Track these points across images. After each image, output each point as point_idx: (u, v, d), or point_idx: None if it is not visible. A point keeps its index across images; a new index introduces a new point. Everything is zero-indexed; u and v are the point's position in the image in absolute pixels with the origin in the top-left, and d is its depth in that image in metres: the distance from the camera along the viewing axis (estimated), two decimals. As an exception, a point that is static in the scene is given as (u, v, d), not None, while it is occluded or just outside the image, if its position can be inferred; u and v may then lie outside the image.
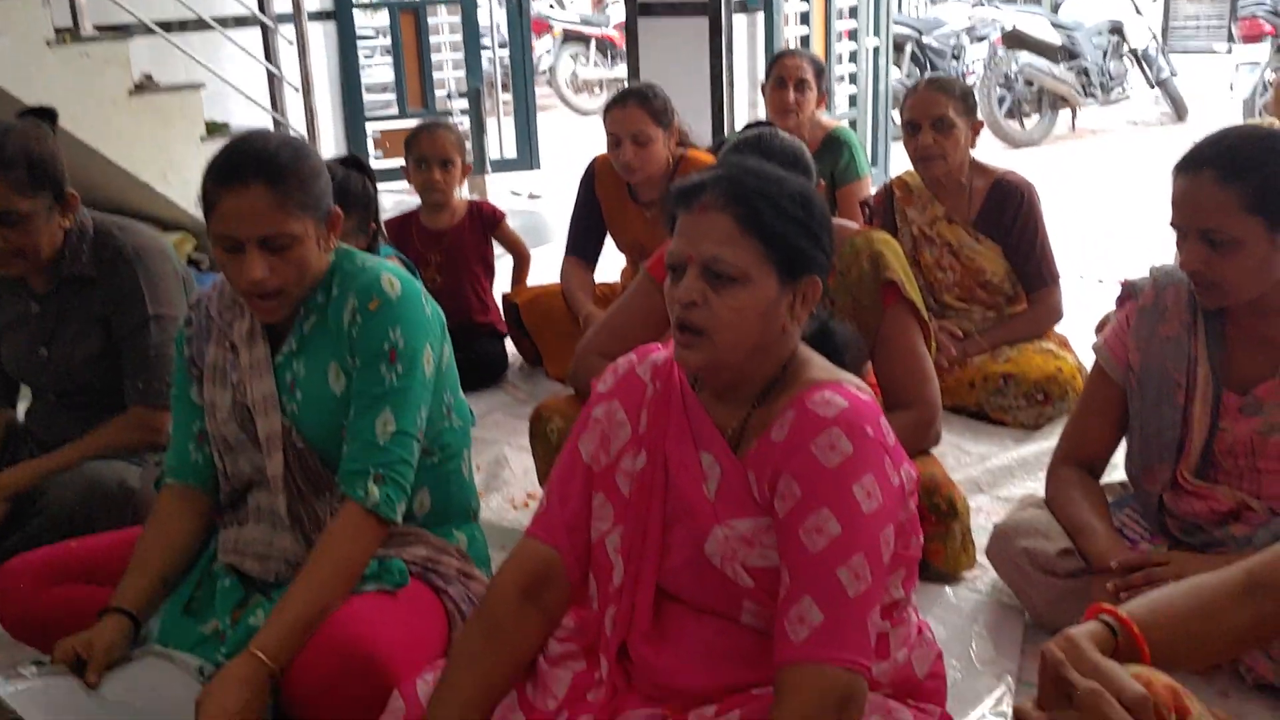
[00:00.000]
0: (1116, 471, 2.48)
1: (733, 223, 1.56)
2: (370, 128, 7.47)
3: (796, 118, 4.34)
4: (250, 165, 1.87)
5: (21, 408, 2.88)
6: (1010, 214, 3.57)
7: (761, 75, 6.23)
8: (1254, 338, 2.13)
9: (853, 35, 6.71)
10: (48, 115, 2.60)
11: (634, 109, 3.68)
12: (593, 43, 12.43)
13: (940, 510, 2.49)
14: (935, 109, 3.51)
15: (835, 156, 4.38)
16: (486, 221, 4.15)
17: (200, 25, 5.70)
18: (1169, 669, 1.29)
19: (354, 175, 3.03)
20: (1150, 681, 1.23)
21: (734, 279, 1.55)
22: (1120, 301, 2.39)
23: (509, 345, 4.26)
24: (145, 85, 5.25)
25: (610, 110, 3.76)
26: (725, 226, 1.56)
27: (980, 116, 3.68)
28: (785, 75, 4.35)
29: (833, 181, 4.36)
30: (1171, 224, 2.08)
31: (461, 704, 1.60)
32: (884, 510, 1.51)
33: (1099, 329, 3.18)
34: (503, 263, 4.37)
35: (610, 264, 4.31)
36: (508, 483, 3.27)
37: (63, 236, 2.54)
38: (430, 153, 4.00)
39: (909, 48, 9.91)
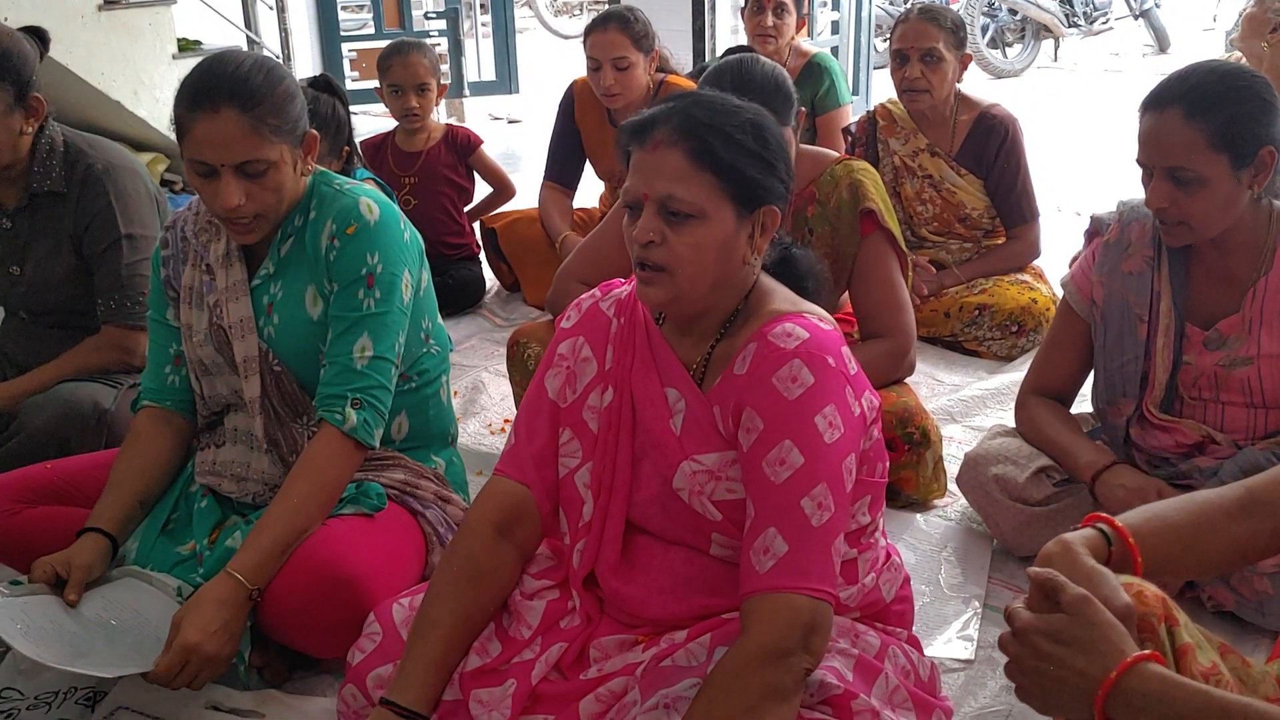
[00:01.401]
0: (1084, 404, 2.51)
1: (685, 158, 1.53)
2: (346, 48, 7.35)
3: (775, 43, 4.28)
4: (222, 89, 1.84)
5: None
6: (994, 149, 3.56)
7: (744, -1, 6.14)
8: (1217, 273, 2.15)
9: (836, -41, 6.62)
10: (38, 35, 2.58)
11: (615, 33, 3.64)
12: (573, -37, 12.24)
13: (913, 439, 2.52)
14: (925, 40, 3.46)
15: (815, 84, 4.33)
16: (461, 147, 4.10)
17: (171, -62, 5.56)
18: (1160, 578, 1.31)
19: (323, 98, 2.98)
20: (1141, 591, 1.25)
21: (690, 215, 1.54)
22: (1088, 237, 2.40)
23: (486, 270, 4.24)
24: (114, 0, 5.14)
25: (591, 34, 3.72)
26: (678, 163, 1.54)
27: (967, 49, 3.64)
28: None
29: (812, 109, 4.33)
30: (1138, 162, 2.09)
31: (441, 640, 1.61)
32: (845, 440, 1.53)
33: (1073, 263, 3.19)
34: (481, 189, 4.32)
35: (589, 189, 4.28)
36: (485, 408, 3.29)
37: (28, 145, 2.50)
38: (404, 80, 3.93)
39: (892, -28, 9.80)
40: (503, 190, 4.27)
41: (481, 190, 4.29)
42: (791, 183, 1.64)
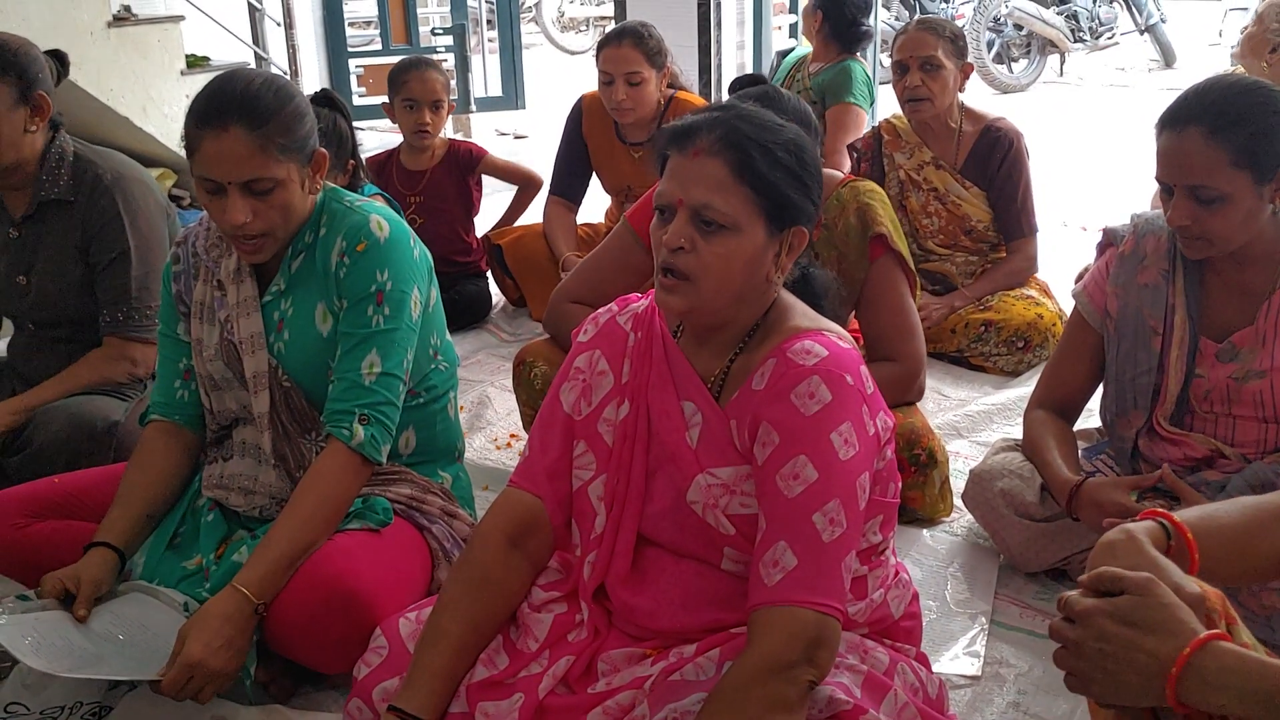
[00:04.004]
0: (1093, 418, 2.50)
1: (725, 169, 1.54)
2: (353, 63, 7.38)
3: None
4: (231, 108, 1.85)
5: (1, 343, 2.87)
6: (997, 160, 3.57)
7: (749, 16, 6.14)
8: (1232, 286, 2.15)
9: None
10: (58, 57, 2.63)
11: (628, 49, 3.65)
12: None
13: (920, 461, 2.51)
14: (923, 49, 3.48)
15: (832, 75, 4.42)
16: (464, 162, 4.11)
17: (180, -44, 5.60)
18: (1210, 581, 1.29)
19: (324, 113, 2.99)
20: (1202, 587, 1.22)
21: (723, 227, 1.54)
22: (1100, 248, 2.40)
23: (492, 286, 4.25)
24: (124, 17, 5.17)
25: (604, 49, 3.73)
26: (717, 173, 1.54)
27: (969, 60, 3.64)
28: None
29: (824, 104, 4.37)
30: (1157, 179, 2.08)
31: (449, 649, 1.62)
32: (860, 458, 1.53)
33: (1079, 278, 3.19)
34: (493, 200, 4.32)
35: (594, 205, 4.29)
36: (491, 423, 3.29)
37: (36, 147, 2.52)
38: (421, 95, 3.94)
39: (898, -11, 9.83)
40: (527, 184, 4.26)
41: (488, 199, 4.29)
42: (820, 206, 1.64)
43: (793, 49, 5.20)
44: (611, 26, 4.04)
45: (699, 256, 1.55)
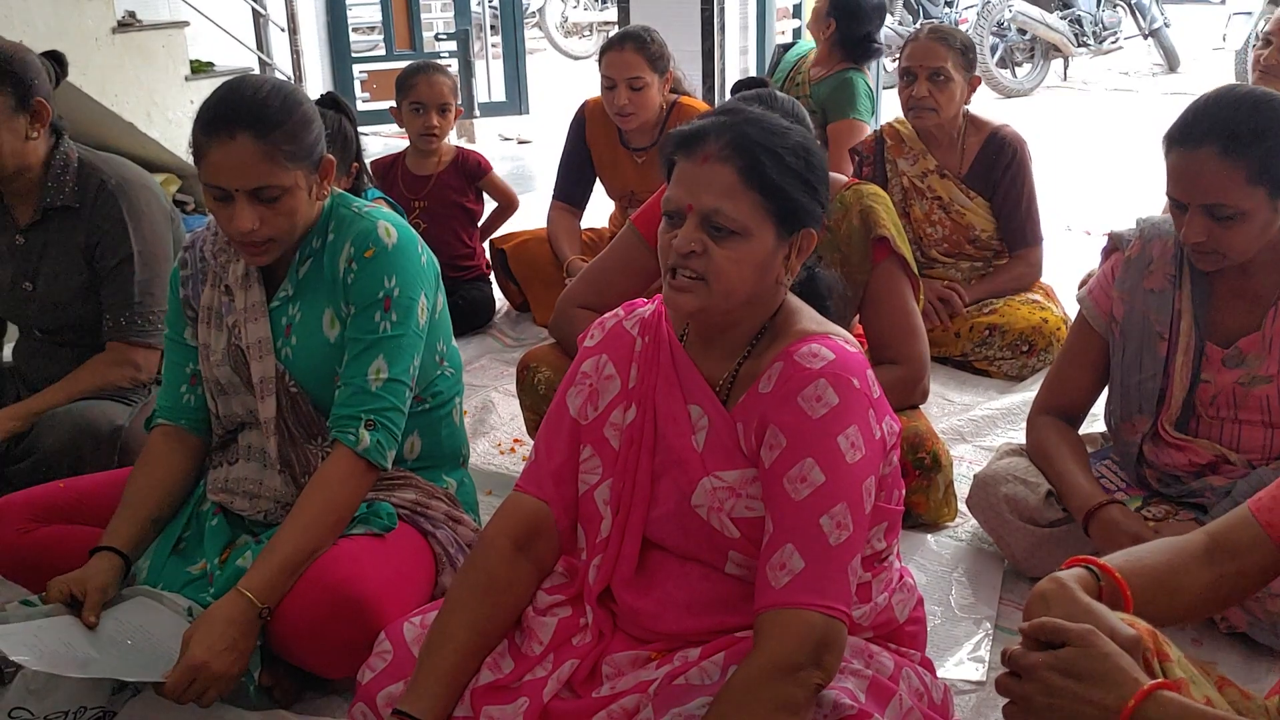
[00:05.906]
0: (1097, 423, 2.50)
1: (735, 175, 1.54)
2: (356, 69, 7.40)
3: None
4: (239, 116, 1.85)
5: (8, 348, 2.88)
6: (1000, 168, 3.55)
7: (753, 21, 6.15)
8: (1239, 292, 2.14)
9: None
10: (56, 59, 2.62)
11: (630, 53, 3.65)
12: (583, -16, 12.27)
13: (924, 465, 2.51)
14: (933, 60, 3.46)
15: (832, 88, 4.40)
16: (470, 171, 4.12)
17: (185, -39, 5.62)
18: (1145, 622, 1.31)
19: (330, 115, 2.99)
20: (1133, 625, 1.24)
21: (734, 232, 1.55)
22: (1106, 253, 2.39)
23: (496, 290, 4.25)
24: (128, 23, 5.19)
25: (606, 53, 3.73)
26: (727, 178, 1.54)
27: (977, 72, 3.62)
28: None
29: (824, 116, 4.36)
30: (1169, 195, 2.06)
31: (454, 653, 1.62)
32: (866, 461, 1.53)
33: (1084, 283, 3.18)
34: (491, 206, 4.33)
35: (599, 209, 4.30)
36: (494, 428, 3.29)
37: (38, 154, 2.52)
38: (429, 99, 3.95)
39: (902, -8, 9.84)
40: (508, 205, 4.29)
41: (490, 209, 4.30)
42: (827, 207, 1.65)
43: (794, 44, 5.19)
44: (614, 31, 4.04)
45: (710, 259, 1.55)
